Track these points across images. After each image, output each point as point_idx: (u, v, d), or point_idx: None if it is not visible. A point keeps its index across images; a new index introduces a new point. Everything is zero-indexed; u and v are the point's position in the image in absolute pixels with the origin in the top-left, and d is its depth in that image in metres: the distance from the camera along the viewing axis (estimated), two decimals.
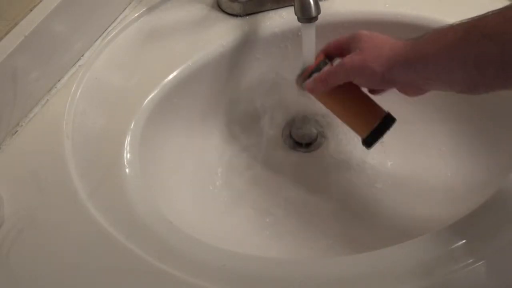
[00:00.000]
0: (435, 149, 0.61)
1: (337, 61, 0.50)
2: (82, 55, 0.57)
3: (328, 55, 0.52)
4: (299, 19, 0.49)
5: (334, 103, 0.52)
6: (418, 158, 0.61)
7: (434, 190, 0.57)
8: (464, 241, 0.41)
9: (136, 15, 0.61)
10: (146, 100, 0.54)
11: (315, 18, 0.49)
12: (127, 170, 0.48)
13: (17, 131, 0.52)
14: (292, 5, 0.50)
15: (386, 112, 0.49)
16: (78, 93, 0.54)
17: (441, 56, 0.41)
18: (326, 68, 0.50)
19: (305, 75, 0.51)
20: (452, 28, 0.41)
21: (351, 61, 0.47)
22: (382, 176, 0.61)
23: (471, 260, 0.39)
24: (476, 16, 0.40)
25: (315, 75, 0.50)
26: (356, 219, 0.57)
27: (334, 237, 0.55)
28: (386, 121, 0.49)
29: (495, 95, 0.41)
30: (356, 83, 0.48)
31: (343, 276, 0.40)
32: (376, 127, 0.49)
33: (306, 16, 0.49)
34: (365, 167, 0.62)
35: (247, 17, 0.61)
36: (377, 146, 0.62)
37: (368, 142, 0.49)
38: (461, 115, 0.58)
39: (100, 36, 0.59)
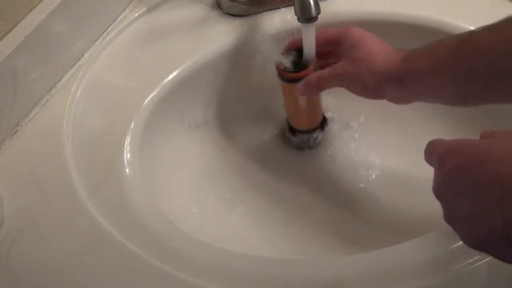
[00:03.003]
0: None
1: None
2: (82, 55, 0.57)
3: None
4: (299, 19, 0.49)
5: (291, 97, 0.56)
6: (418, 158, 0.61)
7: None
8: None
9: (136, 15, 0.61)
10: (146, 100, 0.53)
11: (315, 18, 0.49)
12: (127, 170, 0.48)
13: (17, 131, 0.52)
14: (292, 5, 0.50)
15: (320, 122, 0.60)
16: (78, 93, 0.54)
17: (432, 72, 0.41)
18: (317, 73, 0.50)
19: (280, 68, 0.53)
20: (443, 43, 0.41)
21: (343, 72, 0.47)
22: (382, 175, 0.61)
23: (471, 260, 0.39)
24: (467, 31, 0.40)
25: (306, 78, 0.51)
26: (357, 218, 0.57)
27: (335, 237, 0.55)
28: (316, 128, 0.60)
29: None
30: (346, 89, 0.48)
31: (343, 276, 0.40)
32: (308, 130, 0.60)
33: (306, 16, 0.49)
34: (365, 166, 0.62)
35: (247, 17, 0.61)
36: (378, 145, 0.62)
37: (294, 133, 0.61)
38: (460, 115, 0.58)
39: (100, 36, 0.59)
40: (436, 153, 0.33)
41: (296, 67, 0.52)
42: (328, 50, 0.51)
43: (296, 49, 0.53)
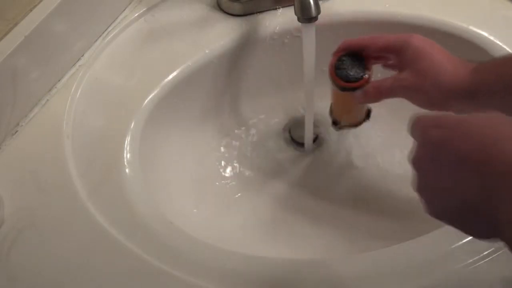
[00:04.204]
0: None
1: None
2: (82, 55, 0.57)
3: (358, 50, 0.48)
4: (299, 19, 0.49)
5: (343, 103, 0.55)
6: None
7: None
8: (464, 241, 0.41)
9: (136, 15, 0.61)
10: (146, 100, 0.54)
11: (315, 18, 0.49)
12: (127, 170, 0.48)
13: (17, 131, 0.52)
14: (292, 5, 0.50)
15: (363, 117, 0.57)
16: (78, 93, 0.54)
17: (504, 88, 0.39)
18: (378, 83, 0.47)
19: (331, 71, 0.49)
20: None
21: (408, 84, 0.44)
22: (383, 174, 0.61)
23: (471, 260, 0.39)
24: None
25: (365, 88, 0.48)
26: (358, 218, 0.57)
27: (335, 236, 0.55)
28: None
29: None
30: (408, 100, 0.46)
31: (343, 276, 0.40)
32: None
33: (306, 16, 0.49)
34: (365, 165, 0.62)
35: (247, 17, 0.61)
36: (378, 146, 0.62)
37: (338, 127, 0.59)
38: None
39: (100, 36, 0.59)
40: (420, 125, 0.33)
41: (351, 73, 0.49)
42: (384, 55, 0.48)
43: (348, 54, 0.49)
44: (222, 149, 0.64)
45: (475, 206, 0.28)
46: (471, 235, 0.31)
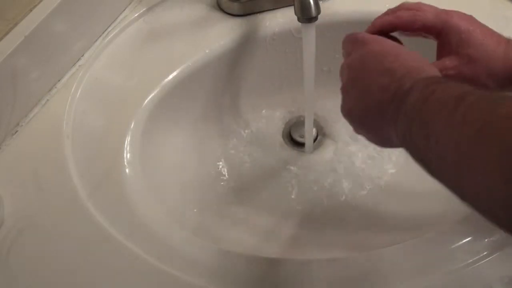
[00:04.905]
0: None
1: None
2: (82, 55, 0.57)
3: (390, 30, 0.45)
4: (299, 19, 0.49)
5: None
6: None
7: (434, 192, 0.57)
8: (464, 241, 0.41)
9: (136, 15, 0.61)
10: (146, 100, 0.54)
11: (315, 18, 0.49)
12: (127, 170, 0.48)
13: (17, 131, 0.52)
14: (292, 5, 0.50)
15: None
16: (78, 93, 0.54)
17: None
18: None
19: None
20: None
21: (459, 73, 0.41)
22: (383, 174, 0.61)
23: (471, 260, 0.39)
24: None
25: None
26: (358, 218, 0.57)
27: (335, 236, 0.55)
28: None
29: None
30: None
31: (343, 276, 0.40)
32: None
33: (306, 16, 0.49)
34: (366, 166, 0.62)
35: (247, 17, 0.61)
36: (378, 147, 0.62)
37: None
38: None
39: (100, 36, 0.59)
40: (361, 36, 0.39)
41: None
42: (421, 35, 0.44)
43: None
44: (222, 148, 0.64)
45: (384, 110, 0.33)
46: (375, 141, 0.36)
